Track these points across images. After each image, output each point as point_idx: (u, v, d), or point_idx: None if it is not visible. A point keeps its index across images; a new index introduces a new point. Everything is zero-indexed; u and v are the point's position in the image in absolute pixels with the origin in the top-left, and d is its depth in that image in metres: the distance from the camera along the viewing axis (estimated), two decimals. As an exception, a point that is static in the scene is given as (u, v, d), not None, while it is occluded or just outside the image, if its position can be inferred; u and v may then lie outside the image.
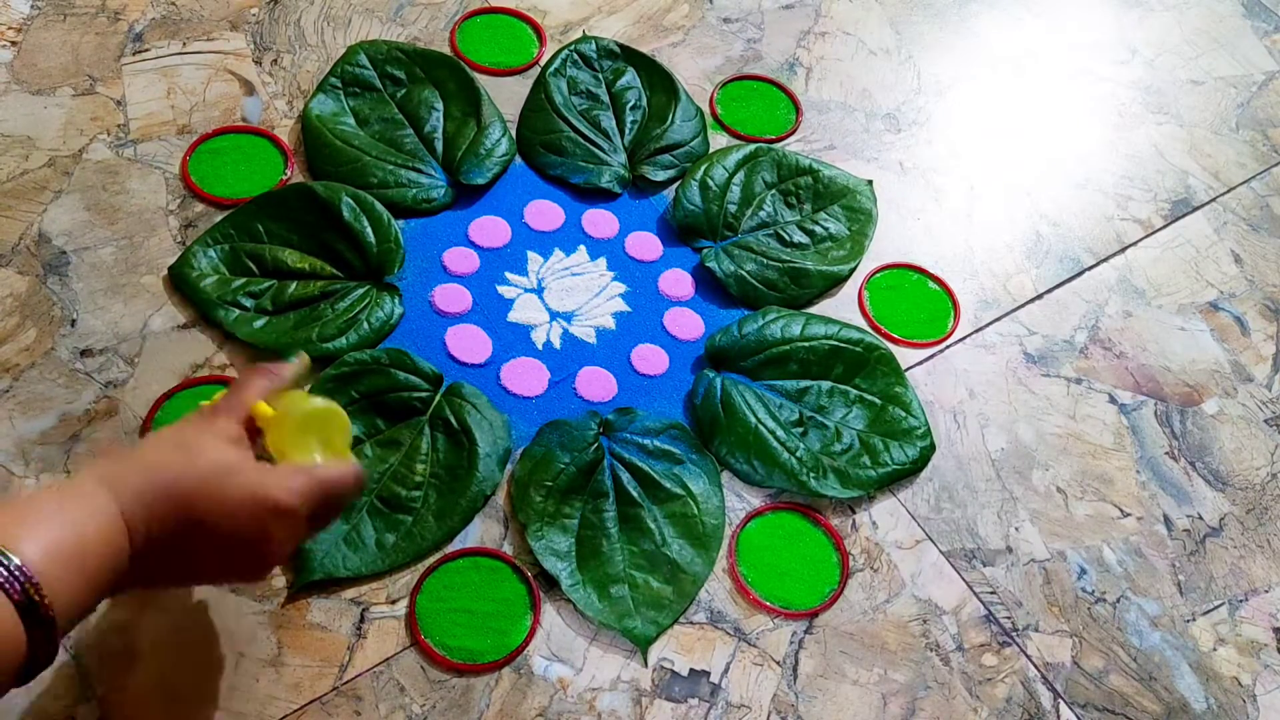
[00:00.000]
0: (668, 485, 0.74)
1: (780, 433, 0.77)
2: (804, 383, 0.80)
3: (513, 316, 0.82)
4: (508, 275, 0.84)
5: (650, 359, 0.82)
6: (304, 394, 0.59)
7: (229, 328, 0.76)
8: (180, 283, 0.78)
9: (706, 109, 0.96)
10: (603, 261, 0.86)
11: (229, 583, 0.58)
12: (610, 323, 0.83)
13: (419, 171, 0.86)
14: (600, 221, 0.88)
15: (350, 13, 0.96)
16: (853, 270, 0.88)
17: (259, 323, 0.77)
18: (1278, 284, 0.96)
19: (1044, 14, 1.12)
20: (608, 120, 0.92)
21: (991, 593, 0.75)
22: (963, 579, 0.75)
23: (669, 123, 0.93)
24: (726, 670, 0.69)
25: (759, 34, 1.03)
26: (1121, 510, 0.80)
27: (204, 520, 0.50)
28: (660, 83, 0.95)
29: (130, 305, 0.77)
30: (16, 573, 0.44)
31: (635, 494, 0.74)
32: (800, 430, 0.78)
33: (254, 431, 0.56)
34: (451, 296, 0.82)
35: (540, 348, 0.81)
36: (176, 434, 0.53)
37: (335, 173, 0.84)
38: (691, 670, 0.69)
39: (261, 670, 0.65)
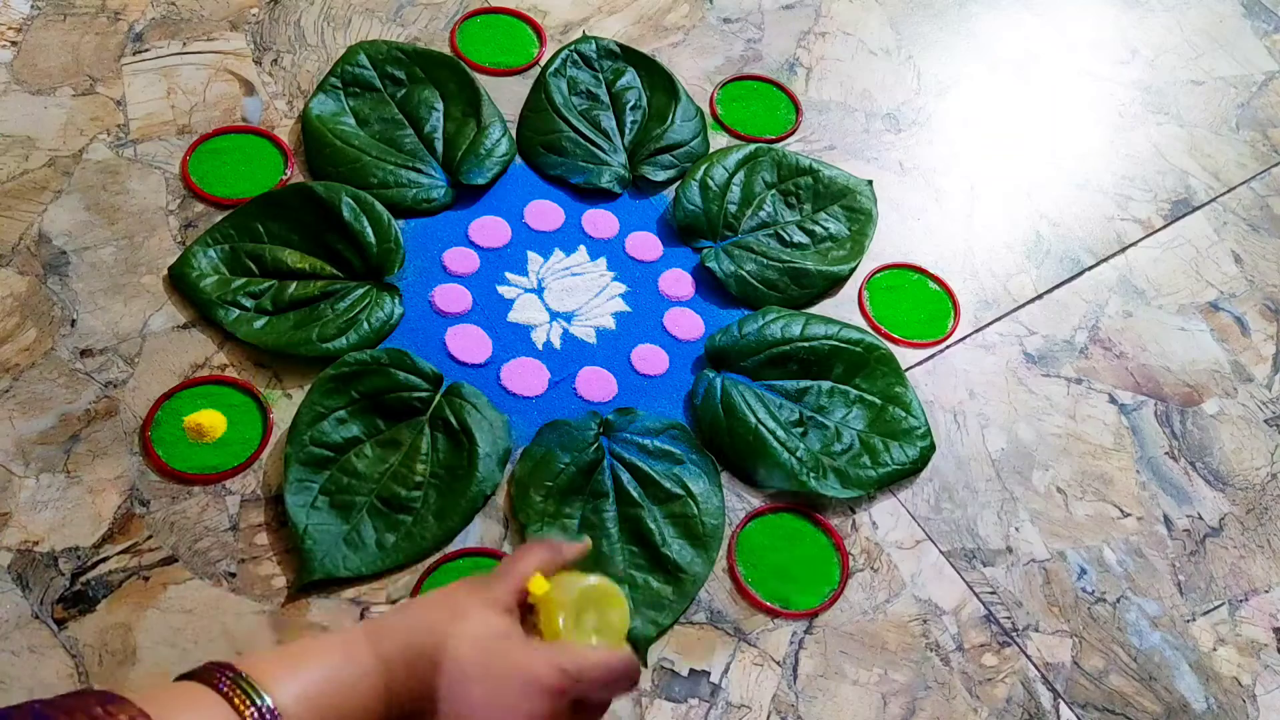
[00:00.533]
0: (668, 485, 0.74)
1: (780, 433, 0.77)
2: (804, 383, 0.80)
3: (513, 316, 0.82)
4: (508, 275, 0.84)
5: (650, 359, 0.82)
6: (581, 573, 0.54)
7: (229, 328, 0.76)
8: (180, 283, 0.78)
9: (706, 109, 0.96)
10: (603, 261, 0.86)
11: None
12: (610, 323, 0.83)
13: (419, 171, 0.86)
14: (600, 221, 0.88)
15: (350, 13, 0.96)
16: (853, 270, 0.88)
17: (259, 323, 0.77)
18: (1278, 284, 0.96)
19: (1044, 14, 1.12)
20: (608, 120, 0.92)
21: (991, 593, 0.75)
22: (963, 579, 0.75)
23: (669, 123, 0.93)
24: (726, 670, 0.69)
25: (759, 34, 1.03)
26: (1121, 510, 0.80)
27: (466, 686, 0.48)
28: (660, 83, 0.95)
29: (130, 305, 0.77)
30: (267, 714, 0.42)
31: (635, 494, 0.74)
32: (800, 430, 0.78)
33: (526, 606, 0.53)
34: (451, 296, 0.82)
35: (540, 348, 0.81)
36: (448, 596, 0.51)
37: (335, 173, 0.84)
38: (691, 670, 0.69)
39: (261, 670, 0.65)
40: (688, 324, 0.84)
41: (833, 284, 0.87)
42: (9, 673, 0.63)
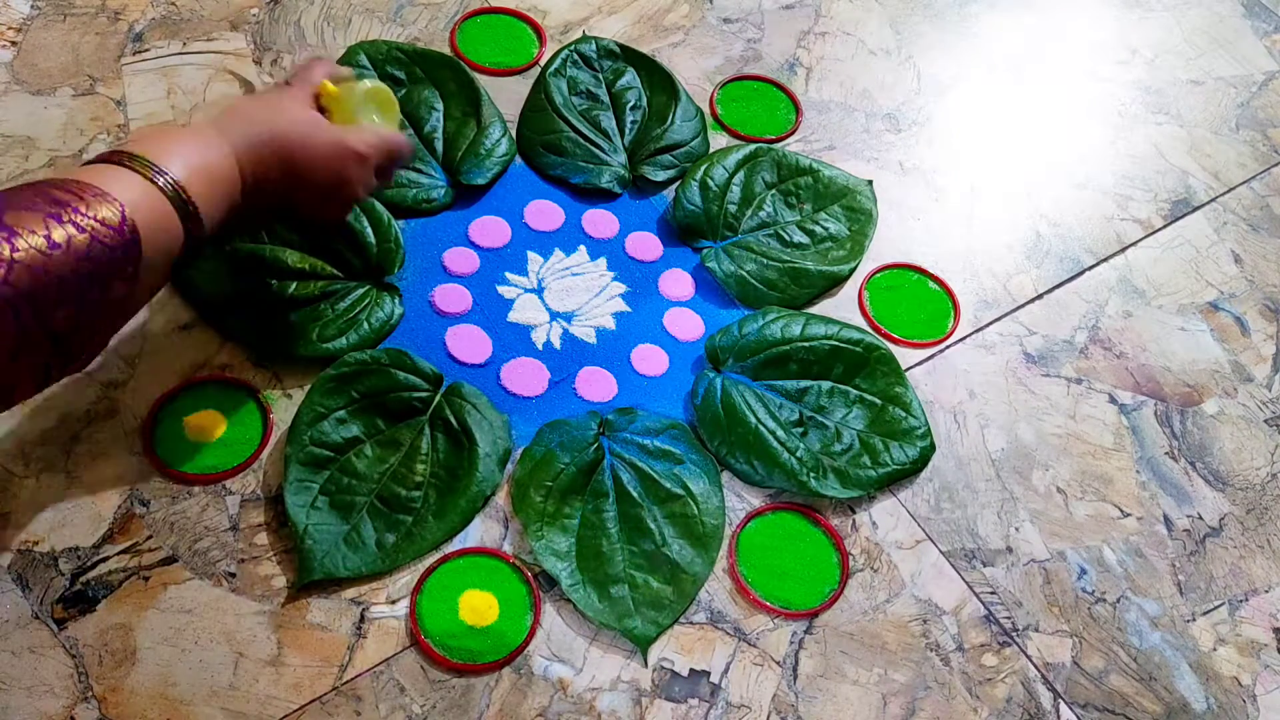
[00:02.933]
0: (668, 485, 0.74)
1: (780, 433, 0.77)
2: (804, 383, 0.80)
3: (513, 316, 0.82)
4: (508, 275, 0.84)
5: (650, 359, 0.82)
6: (356, 79, 0.71)
7: (229, 328, 0.76)
8: (180, 283, 0.78)
9: (706, 109, 0.96)
10: (603, 261, 0.86)
11: (316, 217, 0.69)
12: (610, 323, 0.83)
13: (419, 171, 0.86)
14: (600, 221, 0.88)
15: (350, 13, 0.96)
16: (853, 270, 0.88)
17: (259, 323, 0.77)
18: (1278, 284, 0.96)
19: (1044, 14, 1.12)
20: (608, 120, 0.92)
21: (991, 593, 0.75)
22: (963, 579, 0.75)
23: (669, 123, 0.93)
24: (726, 670, 0.69)
25: (759, 34, 1.03)
26: (1121, 510, 0.80)
27: (298, 162, 0.63)
28: (660, 83, 0.95)
29: (130, 305, 0.77)
30: (170, 181, 0.56)
31: (635, 494, 0.74)
32: (800, 430, 0.78)
33: (319, 108, 0.68)
34: (451, 296, 0.82)
35: (540, 348, 0.81)
36: (264, 99, 0.66)
37: (335, 173, 0.84)
38: (691, 670, 0.69)
39: (261, 670, 0.65)
40: (688, 324, 0.84)
41: (833, 284, 0.88)
42: (9, 673, 0.63)
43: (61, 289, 0.49)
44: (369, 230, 0.80)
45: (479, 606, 0.69)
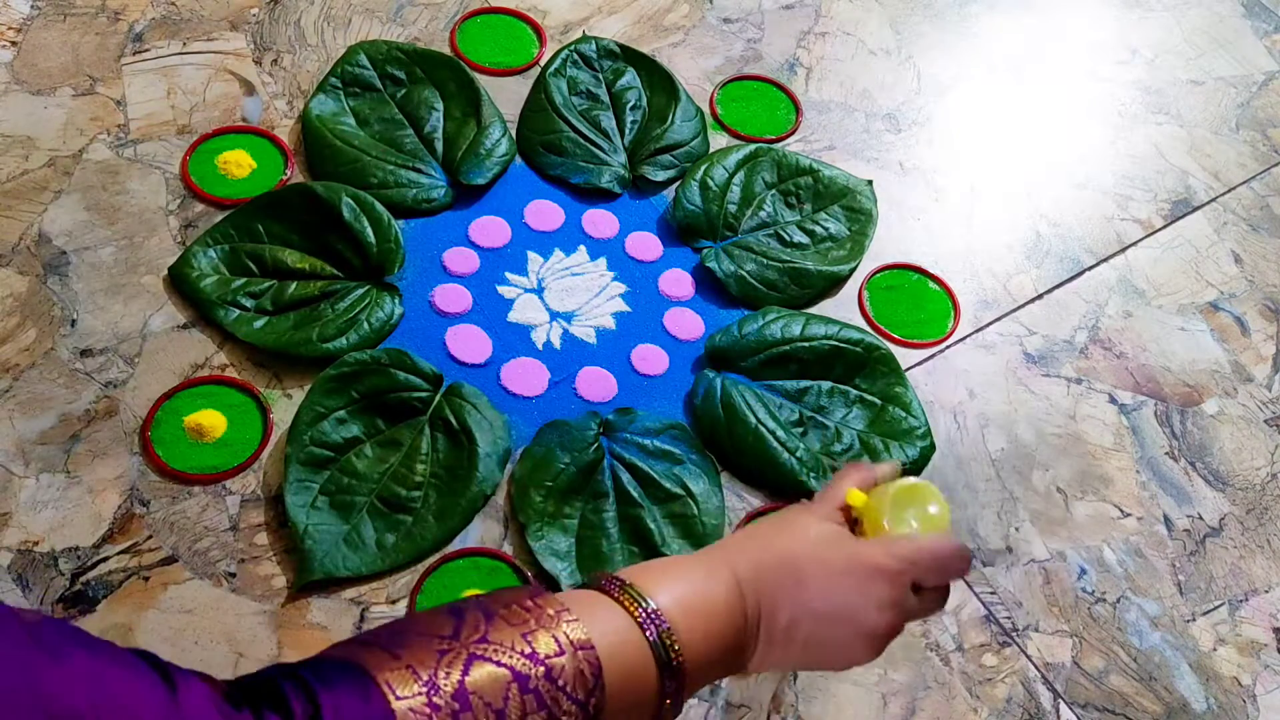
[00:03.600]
0: (668, 485, 0.74)
1: (780, 433, 0.77)
2: (804, 383, 0.80)
3: (513, 316, 0.82)
4: (508, 275, 0.84)
5: (650, 359, 0.82)
6: (895, 481, 0.56)
7: (229, 328, 0.76)
8: (180, 283, 0.78)
9: (706, 109, 0.96)
10: (603, 261, 0.86)
11: (842, 663, 0.53)
12: (610, 323, 0.83)
13: (419, 171, 0.86)
14: (600, 221, 0.88)
15: (350, 13, 0.96)
16: (853, 270, 0.88)
17: (259, 323, 0.77)
18: (1278, 284, 0.96)
19: (1044, 14, 1.12)
20: (608, 120, 0.92)
21: (991, 593, 0.75)
22: (963, 579, 0.75)
23: (669, 123, 0.93)
24: (726, 670, 0.69)
25: (759, 34, 1.03)
26: (1121, 510, 0.80)
27: (810, 585, 0.51)
28: (660, 83, 0.95)
29: (130, 305, 0.77)
30: (653, 615, 0.46)
31: (635, 494, 0.74)
32: (800, 430, 0.78)
33: (849, 520, 0.56)
34: (451, 296, 0.82)
35: (540, 348, 0.81)
36: (780, 518, 0.55)
37: (335, 173, 0.84)
38: (691, 670, 0.69)
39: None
40: (688, 324, 0.84)
41: (833, 284, 0.87)
42: (9, 673, 0.63)
43: None
44: (369, 230, 0.80)
45: (479, 606, 0.68)
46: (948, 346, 0.87)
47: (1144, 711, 0.72)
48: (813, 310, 0.86)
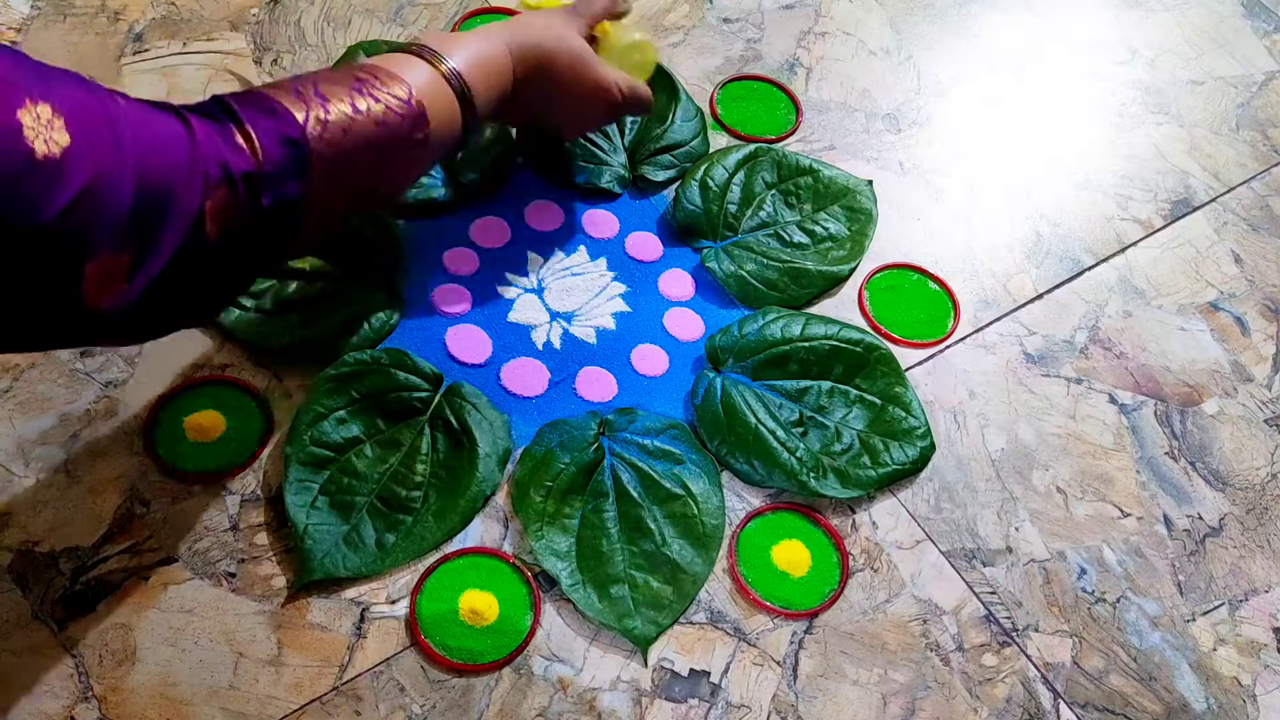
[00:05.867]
0: (668, 485, 0.74)
1: (780, 433, 0.77)
2: (804, 383, 0.80)
3: (513, 316, 0.82)
4: (508, 275, 0.84)
5: (650, 359, 0.82)
6: (633, 23, 0.80)
7: (229, 328, 0.76)
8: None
9: (706, 109, 0.96)
10: (603, 261, 0.86)
11: (556, 125, 0.80)
12: (610, 323, 0.83)
13: (419, 171, 0.86)
14: (600, 221, 0.88)
15: (350, 13, 0.96)
16: (853, 270, 0.88)
17: (259, 323, 0.77)
18: (1278, 284, 0.96)
19: (1044, 14, 1.12)
20: (608, 120, 0.92)
21: (991, 593, 0.75)
22: (963, 579, 0.75)
23: (669, 123, 0.93)
24: (726, 670, 0.69)
25: (759, 34, 1.03)
26: (1121, 510, 0.80)
27: (559, 83, 0.73)
28: (660, 83, 0.95)
29: (130, 305, 0.77)
30: (452, 71, 0.66)
31: (635, 494, 0.74)
32: (800, 430, 0.78)
33: (592, 39, 0.77)
34: (451, 296, 0.82)
35: (540, 348, 0.81)
36: (548, 17, 0.75)
37: (335, 173, 0.84)
38: (691, 670, 0.69)
39: (261, 670, 0.65)
40: (688, 324, 0.84)
41: (833, 284, 0.88)
42: (9, 673, 0.63)
43: (365, 146, 0.58)
44: (369, 230, 0.80)
45: (479, 606, 0.69)
46: (948, 346, 0.87)
47: (1144, 711, 0.72)
48: (813, 310, 0.86)
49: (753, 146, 0.92)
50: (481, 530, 0.72)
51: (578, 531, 0.72)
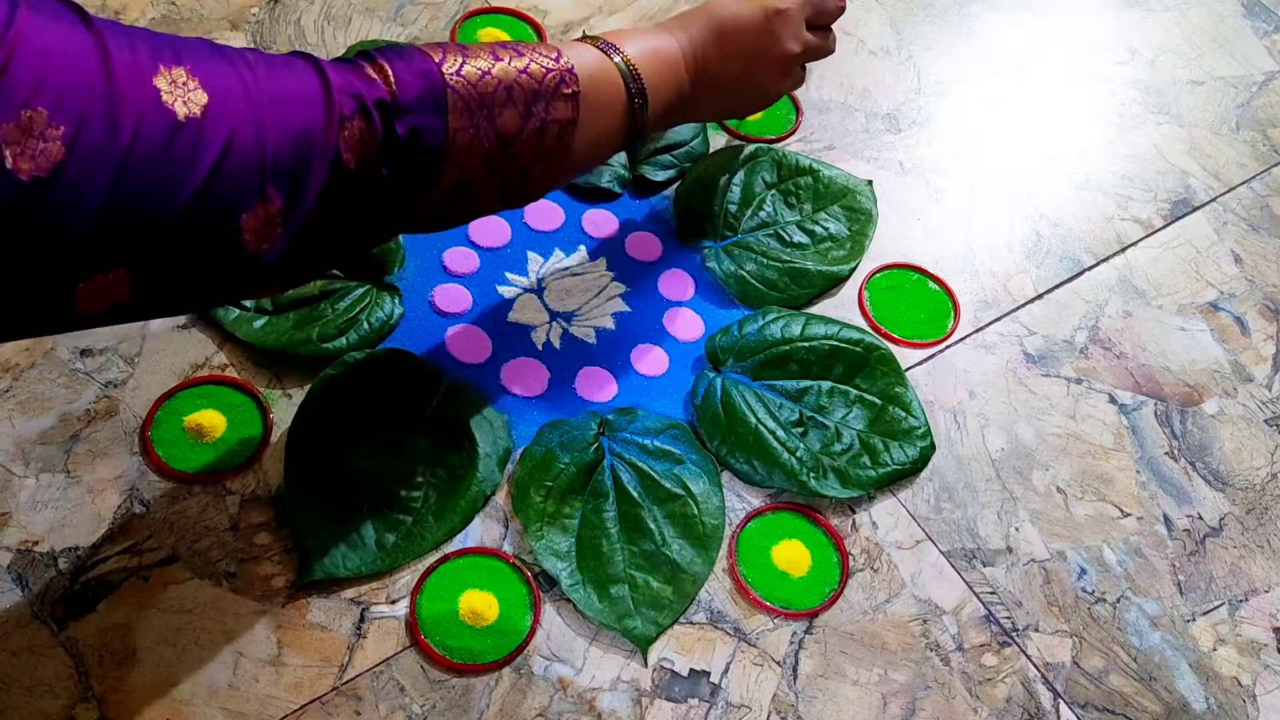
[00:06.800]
0: (668, 485, 0.74)
1: (780, 433, 0.78)
2: (804, 383, 0.80)
3: (513, 316, 0.82)
4: (508, 275, 0.84)
5: (650, 359, 0.82)
6: None
7: (229, 328, 0.76)
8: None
9: (706, 109, 0.96)
10: (603, 261, 0.86)
11: (765, 91, 0.76)
12: (610, 323, 0.83)
13: (419, 171, 0.86)
14: (600, 221, 0.88)
15: (350, 12, 0.96)
16: (853, 270, 0.88)
17: (259, 323, 0.77)
18: (1278, 284, 0.96)
19: (1044, 14, 1.12)
20: (608, 120, 0.92)
21: (991, 593, 0.75)
22: (963, 579, 0.75)
23: (669, 123, 0.93)
24: (726, 670, 0.69)
25: (759, 34, 1.03)
26: (1121, 510, 0.80)
27: (728, 34, 0.71)
28: (660, 83, 0.95)
29: (130, 305, 0.77)
30: (623, 61, 0.64)
31: (635, 494, 0.74)
32: (800, 430, 0.78)
33: None
34: (451, 296, 0.82)
35: (540, 348, 0.81)
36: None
37: (335, 173, 0.84)
38: (691, 670, 0.69)
39: (261, 670, 0.65)
40: (688, 324, 0.84)
41: (833, 284, 0.88)
42: (9, 673, 0.63)
43: (508, 93, 0.57)
44: (369, 230, 0.80)
45: (479, 606, 0.69)
46: (948, 346, 0.87)
47: (1144, 711, 0.72)
48: (813, 310, 0.86)
49: (753, 146, 0.92)
50: (481, 530, 0.72)
51: (578, 531, 0.72)
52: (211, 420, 0.73)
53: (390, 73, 0.53)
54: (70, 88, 0.40)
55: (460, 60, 0.56)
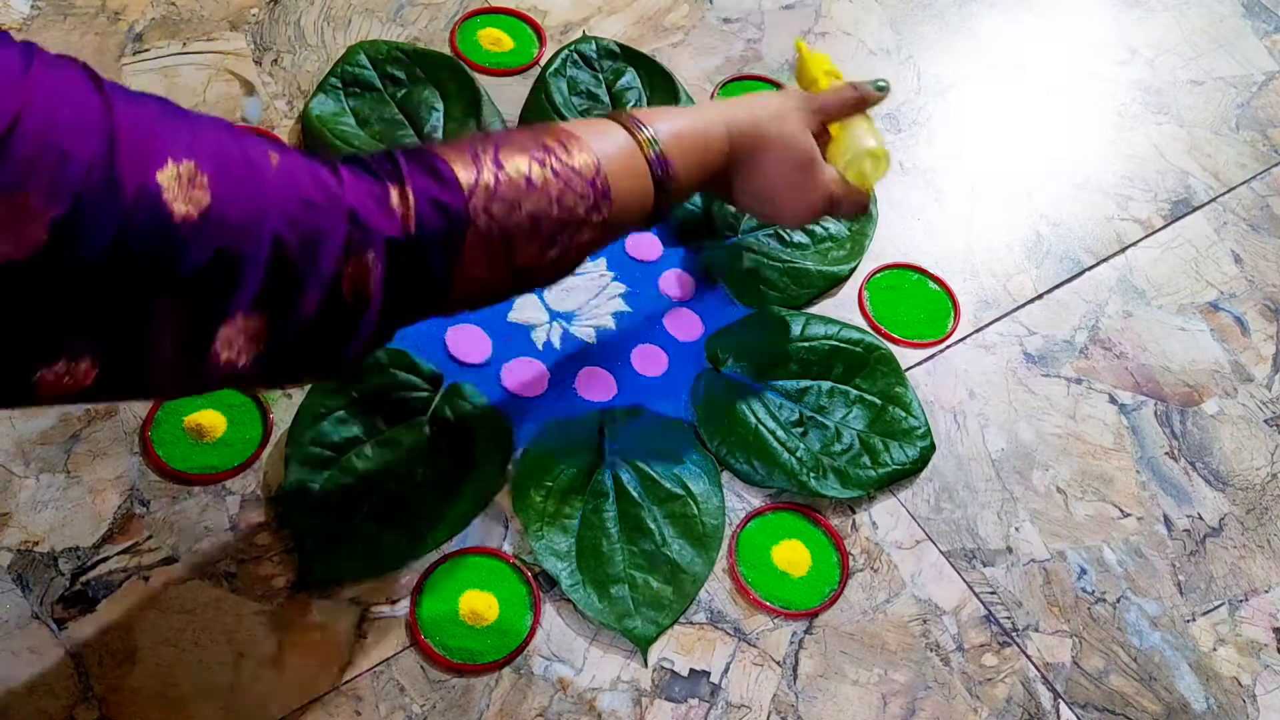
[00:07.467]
0: (668, 485, 0.74)
1: (780, 433, 0.77)
2: (804, 383, 0.80)
3: (513, 316, 0.82)
4: (508, 275, 0.84)
5: (650, 359, 0.82)
6: (869, 127, 0.74)
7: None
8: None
9: (706, 109, 0.96)
10: (603, 261, 0.86)
11: (785, 219, 0.73)
12: (610, 323, 0.83)
13: (419, 171, 0.86)
14: (600, 221, 0.88)
15: (350, 13, 0.96)
16: (853, 270, 0.88)
17: (259, 323, 0.77)
18: (1278, 284, 0.96)
19: (1044, 14, 1.12)
20: (608, 120, 0.92)
21: (991, 593, 0.75)
22: (963, 579, 0.75)
23: (669, 123, 0.92)
24: (726, 670, 0.69)
25: (759, 34, 1.03)
26: (1121, 510, 0.80)
27: (772, 174, 0.68)
28: (660, 83, 0.95)
29: (130, 305, 0.77)
30: (649, 139, 0.61)
31: (635, 494, 0.74)
32: (800, 430, 0.78)
33: (823, 132, 0.72)
34: (451, 296, 0.82)
35: (540, 348, 0.81)
36: (777, 98, 0.71)
37: (335, 173, 0.84)
38: (691, 670, 0.69)
39: (261, 670, 0.65)
40: (688, 324, 0.84)
41: (833, 284, 0.87)
42: (9, 673, 0.63)
43: (534, 224, 0.54)
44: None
45: (479, 606, 0.69)
46: (948, 346, 0.87)
47: (1144, 711, 0.72)
48: (813, 310, 0.86)
49: (753, 146, 0.92)
50: (481, 530, 0.72)
51: (578, 531, 0.72)
52: (211, 420, 0.73)
53: (411, 204, 0.50)
54: (68, 172, 0.38)
55: (491, 183, 0.53)
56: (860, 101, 0.72)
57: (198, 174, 0.42)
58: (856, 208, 0.73)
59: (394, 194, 0.50)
